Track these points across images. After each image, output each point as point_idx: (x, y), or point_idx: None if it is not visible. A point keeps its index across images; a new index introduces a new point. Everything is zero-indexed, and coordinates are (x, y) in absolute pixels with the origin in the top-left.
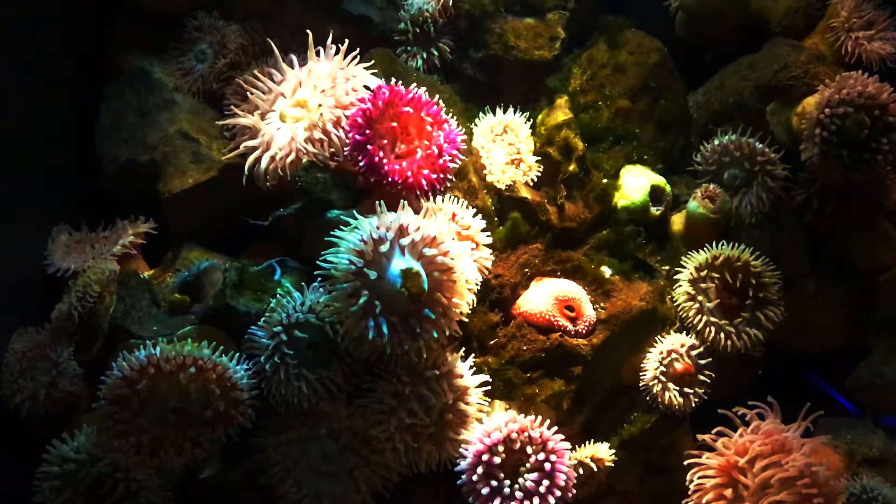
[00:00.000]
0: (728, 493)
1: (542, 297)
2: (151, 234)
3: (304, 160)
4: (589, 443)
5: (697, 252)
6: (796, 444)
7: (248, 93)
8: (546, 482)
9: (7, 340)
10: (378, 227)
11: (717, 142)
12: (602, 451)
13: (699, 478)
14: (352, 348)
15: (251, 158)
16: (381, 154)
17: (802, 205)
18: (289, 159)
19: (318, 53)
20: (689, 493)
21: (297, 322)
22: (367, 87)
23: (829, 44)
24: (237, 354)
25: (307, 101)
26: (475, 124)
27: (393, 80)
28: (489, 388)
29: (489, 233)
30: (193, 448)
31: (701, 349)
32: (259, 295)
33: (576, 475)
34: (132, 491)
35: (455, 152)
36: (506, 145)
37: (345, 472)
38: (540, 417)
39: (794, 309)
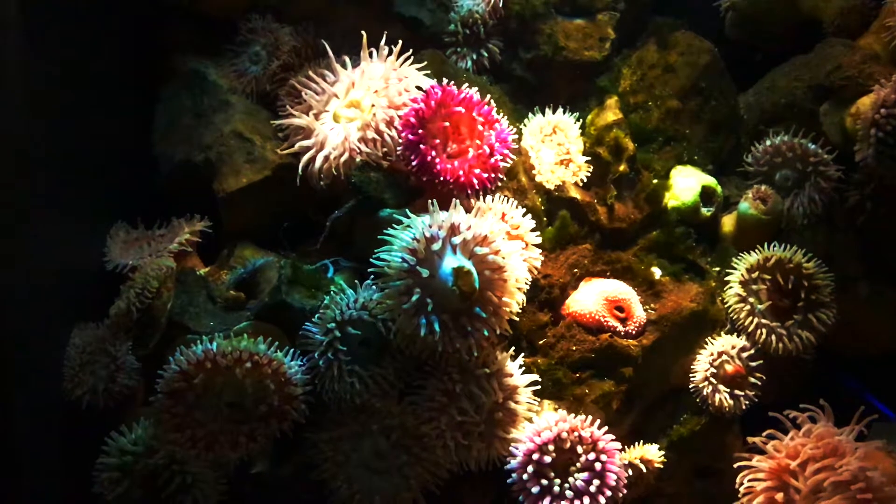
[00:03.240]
0: (779, 496)
1: (592, 297)
2: (206, 233)
3: (358, 160)
4: (638, 444)
5: (748, 253)
6: (849, 447)
7: (301, 93)
8: (596, 482)
9: (68, 335)
10: (430, 226)
11: (768, 142)
12: (651, 453)
13: (749, 480)
14: (404, 345)
15: (305, 158)
16: (433, 153)
17: (856, 206)
18: (342, 159)
19: (370, 55)
20: (739, 496)
21: (350, 319)
22: (419, 88)
23: (885, 43)
24: (291, 350)
25: (360, 101)
26: (524, 125)
27: (444, 80)
28: (538, 387)
29: (538, 233)
30: (248, 442)
31: (752, 351)
32: (313, 292)
33: (626, 476)
34: (187, 483)
35: (506, 152)
36: (555, 146)
37: (396, 469)
38: (590, 417)
39: (846, 312)
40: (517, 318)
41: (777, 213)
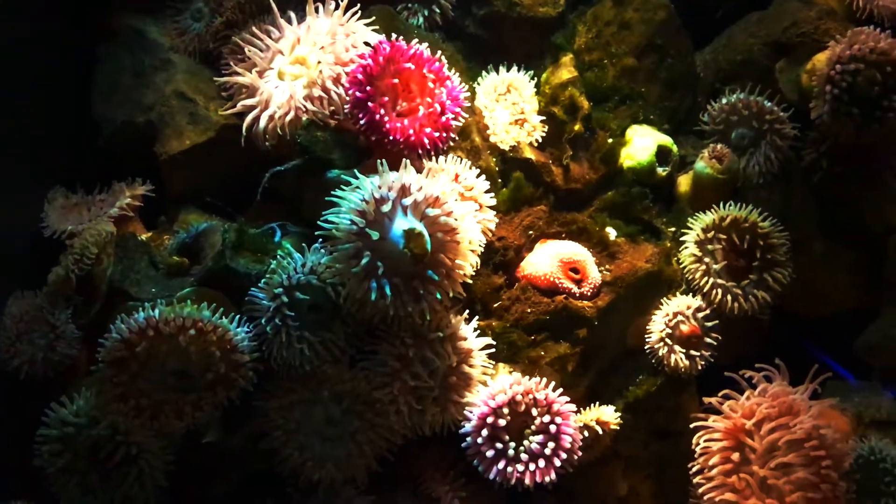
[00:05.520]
0: (735, 456)
1: (547, 259)
2: (150, 197)
3: (304, 119)
4: (594, 406)
5: (704, 213)
6: (804, 406)
7: (245, 50)
8: (551, 444)
9: (3, 304)
10: (380, 187)
11: (724, 101)
12: (607, 414)
13: (705, 441)
14: (354, 310)
15: (249, 118)
16: (381, 112)
17: (811, 165)
18: (288, 118)
19: (317, 10)
20: (696, 456)
21: (298, 284)
22: (367, 44)
23: None
24: (237, 317)
25: (306, 57)
26: (478, 83)
27: (394, 36)
28: (493, 350)
29: (493, 194)
30: (194, 411)
31: (707, 311)
32: (259, 256)
33: (581, 438)
34: (132, 454)
35: (458, 110)
36: (509, 105)
37: (348, 436)
38: (545, 380)
39: (801, 271)
40: (471, 281)
41: (733, 172)
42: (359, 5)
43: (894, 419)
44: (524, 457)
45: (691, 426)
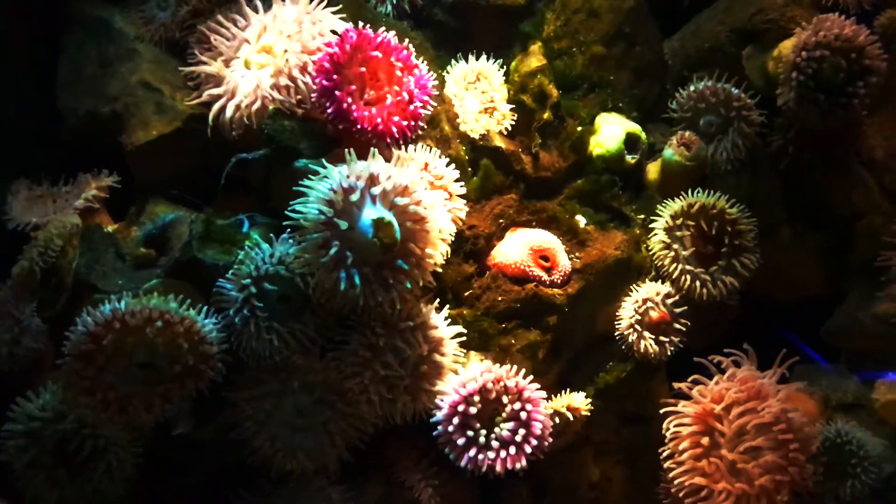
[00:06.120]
0: (704, 440)
1: (517, 247)
2: (117, 189)
3: (271, 108)
4: (565, 392)
5: (673, 200)
6: (772, 390)
7: (211, 40)
8: (522, 431)
9: None
10: (348, 176)
11: (692, 88)
12: (578, 401)
13: (675, 426)
14: (324, 300)
15: (215, 107)
16: (349, 100)
17: (778, 151)
18: (254, 107)
19: None
20: (666, 441)
21: (266, 274)
22: (334, 32)
23: None
24: (205, 308)
25: (272, 46)
26: (447, 72)
27: (361, 24)
28: (464, 339)
29: (463, 183)
30: (163, 403)
31: (676, 297)
32: (227, 247)
33: (552, 424)
34: (100, 447)
35: (426, 98)
36: (479, 93)
37: (319, 426)
38: (515, 367)
39: (769, 257)
40: (441, 270)
41: (701, 158)
42: None
43: (860, 402)
44: (495, 444)
45: (661, 411)
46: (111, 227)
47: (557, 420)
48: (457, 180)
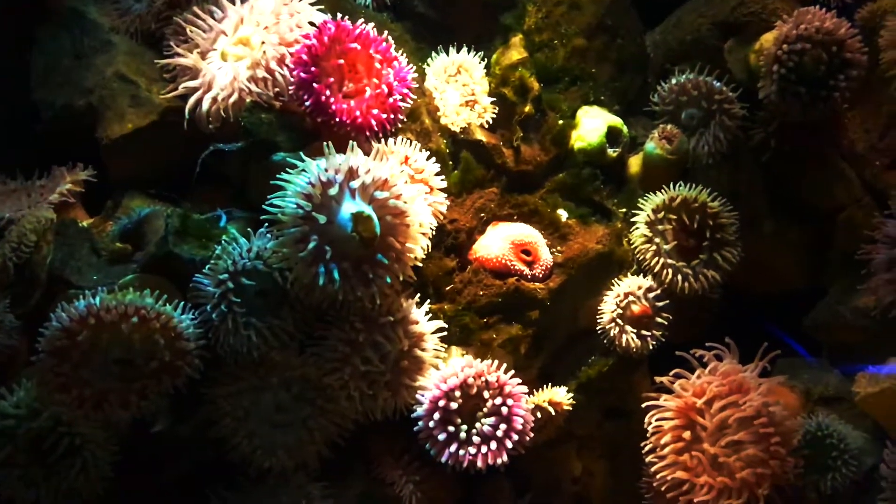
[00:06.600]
0: (686, 434)
1: (499, 241)
2: (93, 183)
3: (248, 100)
4: (547, 387)
5: (655, 194)
6: (753, 384)
7: (187, 31)
8: (503, 426)
9: None
10: (326, 170)
11: (674, 81)
12: (560, 395)
13: (657, 420)
14: (302, 295)
15: (192, 100)
16: (327, 93)
17: (760, 144)
18: (231, 100)
19: None
20: (648, 435)
21: (244, 269)
22: (312, 24)
23: None
24: (182, 304)
25: (249, 38)
26: (427, 65)
27: (340, 16)
28: (445, 334)
29: (443, 176)
30: (139, 400)
31: (658, 291)
32: (204, 242)
33: (533, 419)
34: (76, 445)
35: (406, 91)
36: (460, 86)
37: (299, 422)
38: (497, 362)
39: (751, 250)
40: (422, 265)
41: (683, 152)
42: None
43: (841, 395)
44: (476, 439)
45: (643, 405)
46: (86, 222)
47: (539, 415)
48: (437, 174)
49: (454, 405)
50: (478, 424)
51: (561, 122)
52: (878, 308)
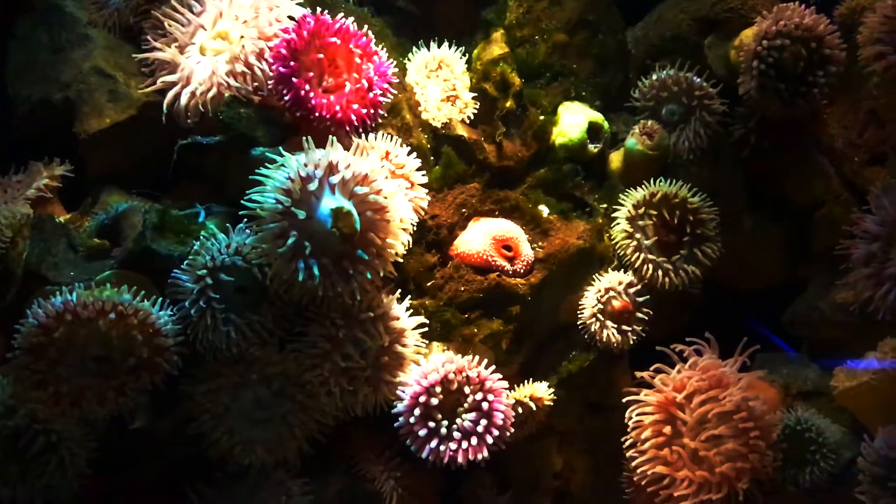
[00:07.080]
0: (667, 429)
1: (480, 237)
2: (71, 178)
3: (226, 95)
4: (528, 382)
5: (635, 189)
6: (733, 378)
7: (165, 25)
8: (484, 422)
9: None
10: (306, 165)
11: (654, 77)
12: (541, 391)
13: (638, 415)
14: (282, 291)
15: (170, 95)
16: (307, 87)
17: (740, 140)
18: (210, 94)
19: None
20: (629, 430)
21: (222, 265)
22: (291, 18)
23: None
24: (160, 300)
25: (228, 32)
26: (408, 60)
27: (319, 10)
28: (426, 329)
29: (424, 172)
30: (117, 397)
31: (639, 287)
32: (182, 238)
33: (514, 414)
34: (53, 442)
35: (386, 86)
36: (441, 81)
37: (278, 418)
38: (478, 358)
39: (731, 245)
40: (403, 260)
41: (663, 148)
42: None
43: (820, 390)
44: (457, 435)
45: (624, 400)
46: (63, 218)
47: (520, 410)
48: (418, 169)
49: (435, 401)
50: (458, 420)
51: (542, 117)
52: (856, 303)
